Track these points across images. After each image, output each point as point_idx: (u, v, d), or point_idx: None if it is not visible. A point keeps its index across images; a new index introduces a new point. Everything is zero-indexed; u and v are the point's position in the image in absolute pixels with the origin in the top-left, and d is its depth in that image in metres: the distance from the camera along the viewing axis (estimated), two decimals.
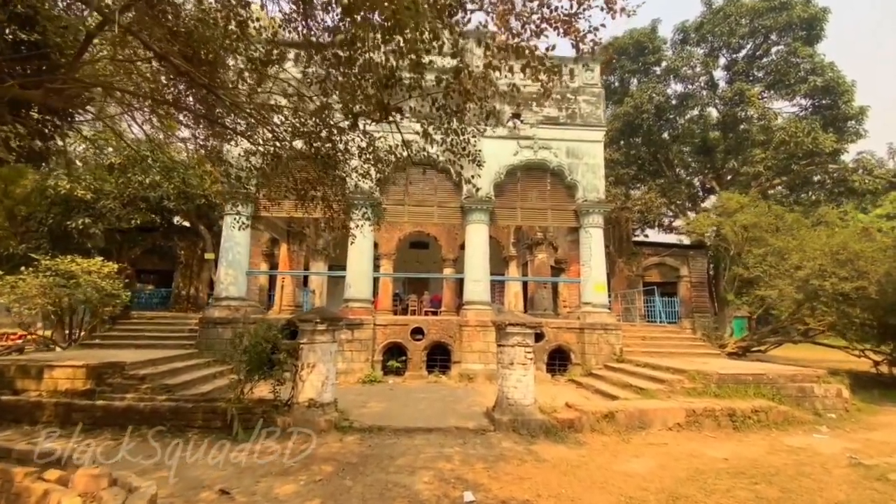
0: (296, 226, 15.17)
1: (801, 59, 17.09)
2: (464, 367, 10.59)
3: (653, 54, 19.71)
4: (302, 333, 6.48)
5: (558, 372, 11.40)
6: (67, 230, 12.56)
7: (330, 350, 6.54)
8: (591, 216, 11.61)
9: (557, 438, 6.20)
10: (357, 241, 11.08)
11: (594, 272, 11.48)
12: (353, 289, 10.84)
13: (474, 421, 6.69)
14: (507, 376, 6.60)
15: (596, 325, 11.06)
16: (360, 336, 10.43)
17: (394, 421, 6.65)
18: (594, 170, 11.81)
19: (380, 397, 8.49)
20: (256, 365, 6.54)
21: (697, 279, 21.74)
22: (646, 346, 11.60)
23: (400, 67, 4.08)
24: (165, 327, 11.39)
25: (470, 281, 11.29)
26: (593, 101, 12.05)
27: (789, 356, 17.71)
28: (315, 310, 6.77)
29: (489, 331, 10.71)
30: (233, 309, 10.39)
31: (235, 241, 10.69)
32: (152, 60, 5.53)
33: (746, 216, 14.48)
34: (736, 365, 9.58)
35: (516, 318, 6.66)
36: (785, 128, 16.40)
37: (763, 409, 7.51)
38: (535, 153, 11.70)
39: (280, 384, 6.53)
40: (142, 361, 8.08)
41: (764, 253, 13.74)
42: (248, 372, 6.59)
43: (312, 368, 6.36)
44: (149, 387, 7.37)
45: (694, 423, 7.16)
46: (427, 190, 11.77)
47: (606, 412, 6.76)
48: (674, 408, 7.19)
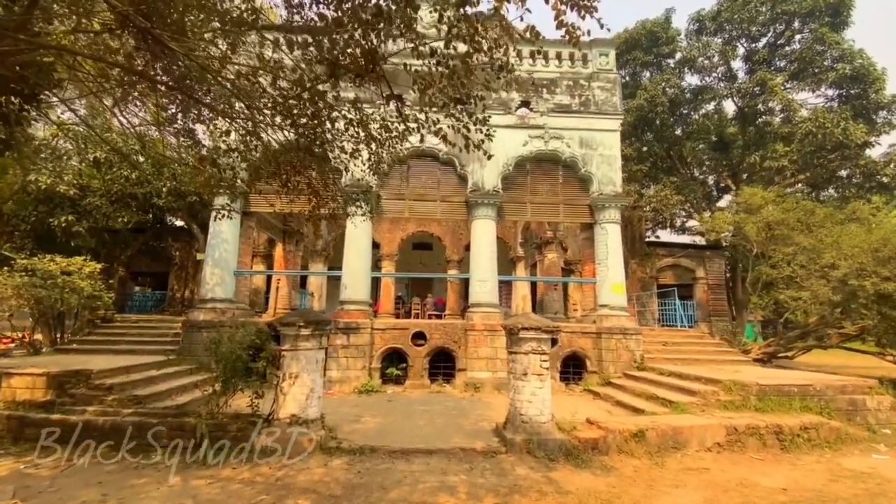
0: (292, 225, 14.40)
1: (828, 46, 16.08)
2: (469, 376, 9.69)
3: (667, 45, 18.77)
4: (284, 339, 5.65)
5: (572, 381, 10.46)
6: (50, 228, 11.88)
7: (316, 358, 5.69)
8: (607, 211, 10.69)
9: (580, 462, 5.29)
10: (354, 238, 10.29)
11: (611, 272, 10.55)
12: (350, 290, 10.00)
13: (482, 440, 5.80)
14: (521, 389, 5.71)
15: (614, 329, 10.12)
16: (357, 341, 9.58)
17: (389, 440, 5.78)
18: (610, 161, 10.91)
19: (376, 410, 7.62)
20: (232, 375, 5.72)
21: (715, 281, 20.67)
22: (667, 353, 10.65)
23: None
24: (150, 331, 10.63)
25: (476, 281, 10.41)
26: (608, 87, 11.17)
27: (814, 362, 16.71)
28: (299, 312, 5.93)
29: (497, 335, 9.82)
30: (219, 312, 9.60)
31: (222, 237, 9.92)
32: (114, 26, 4.76)
33: (772, 212, 13.47)
34: (776, 374, 8.60)
35: (530, 322, 5.78)
36: (812, 118, 15.37)
37: (813, 426, 6.56)
38: (545, 143, 10.83)
39: (259, 397, 5.69)
40: (113, 369, 7.30)
41: (793, 251, 12.73)
42: (224, 383, 5.77)
43: (295, 379, 5.52)
44: (116, 398, 6.57)
45: (736, 443, 6.22)
46: (429, 183, 10.94)
47: (635, 430, 5.84)
48: (712, 424, 6.24)
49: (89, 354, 9.01)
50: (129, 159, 10.51)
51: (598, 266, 10.78)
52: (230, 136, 5.91)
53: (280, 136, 5.75)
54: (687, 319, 16.17)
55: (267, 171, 6.09)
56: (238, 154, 5.94)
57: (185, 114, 6.20)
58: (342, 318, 9.71)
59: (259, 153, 5.90)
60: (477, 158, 10.64)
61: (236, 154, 6.00)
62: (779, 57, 17.50)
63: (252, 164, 6.11)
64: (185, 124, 6.73)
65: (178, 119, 6.45)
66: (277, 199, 7.95)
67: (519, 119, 10.90)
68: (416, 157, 10.88)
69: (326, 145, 5.53)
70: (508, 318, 8.00)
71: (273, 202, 7.90)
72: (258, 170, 6.09)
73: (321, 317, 5.79)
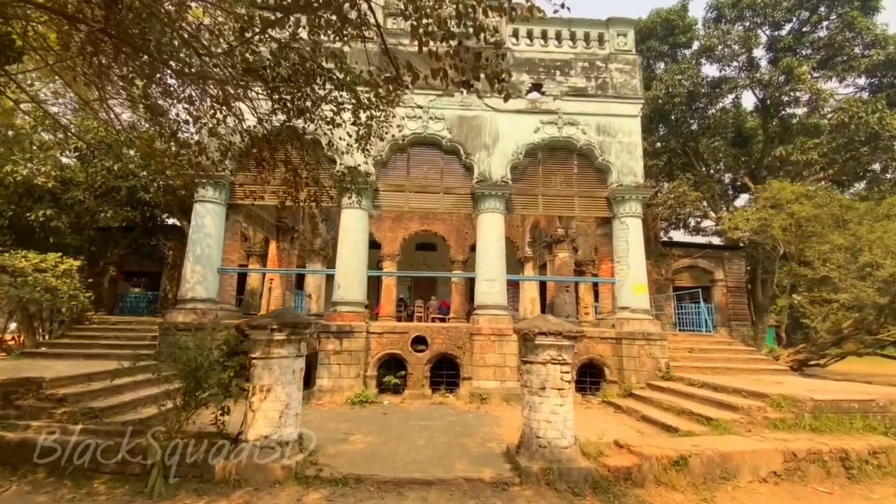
0: (287, 221, 13.55)
1: (859, 31, 15.03)
2: (475, 385, 8.72)
3: (683, 34, 17.76)
4: (254, 345, 4.74)
5: (589, 391, 9.47)
6: (28, 223, 11.12)
7: (293, 368, 4.77)
8: (628, 203, 9.71)
9: (611, 497, 4.32)
10: (348, 231, 9.39)
11: (632, 270, 9.55)
12: (343, 290, 9.08)
13: (491, 467, 4.83)
14: (537, 406, 4.75)
15: (636, 334, 9.12)
16: (351, 347, 8.65)
17: (380, 465, 4.84)
18: (630, 149, 9.93)
19: (369, 426, 6.68)
20: (196, 387, 4.82)
21: (734, 284, 19.59)
22: (694, 360, 9.61)
23: None
24: (127, 334, 9.78)
25: (483, 281, 9.45)
26: (627, 69, 10.22)
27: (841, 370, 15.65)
28: (274, 312, 5.02)
29: (506, 341, 8.86)
30: (199, 313, 8.72)
31: (205, 231, 9.05)
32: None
33: (805, 208, 12.39)
34: (827, 387, 7.55)
35: (549, 325, 4.82)
36: (844, 108, 14.29)
37: (882, 450, 5.52)
38: (559, 130, 9.87)
39: (224, 413, 4.79)
40: (72, 377, 6.45)
41: (830, 249, 11.65)
42: (187, 396, 4.88)
43: (267, 393, 4.60)
44: (67, 411, 5.71)
45: (796, 472, 5.21)
46: (432, 173, 10.02)
47: (676, 456, 4.84)
48: (766, 449, 5.23)
49: (56, 359, 8.17)
50: (106, 145, 9.68)
51: (618, 264, 9.78)
52: (195, 106, 5.05)
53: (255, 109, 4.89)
54: (702, 324, 15.12)
55: (238, 147, 5.22)
56: (204, 127, 5.07)
57: (150, 80, 5.32)
58: (334, 321, 8.80)
59: (230, 126, 5.03)
60: (483, 146, 9.73)
61: (203, 128, 5.14)
62: (804, 44, 16.43)
63: (223, 144, 5.24)
64: (154, 99, 5.89)
65: (144, 90, 5.61)
66: (259, 187, 7.08)
67: (529, 103, 9.97)
68: (417, 146, 9.99)
69: (307, 114, 4.65)
70: (520, 322, 7.05)
71: (254, 189, 7.01)
72: (229, 148, 5.21)
73: (300, 318, 4.88)
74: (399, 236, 17.07)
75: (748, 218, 14.03)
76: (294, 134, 5.09)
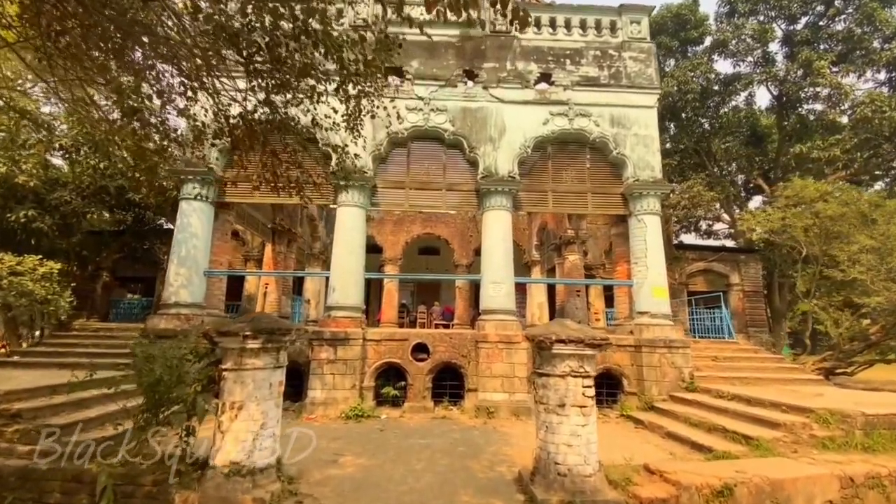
0: (283, 223, 12.95)
1: (878, 25, 14.37)
2: (481, 398, 7.99)
3: (695, 29, 17.14)
4: (225, 354, 4.08)
5: (605, 404, 8.70)
6: (9, 224, 10.58)
7: (269, 381, 4.10)
8: (645, 200, 9.01)
9: None
10: (344, 229, 8.75)
11: (651, 272, 8.82)
12: (338, 293, 8.42)
13: (501, 499, 4.11)
14: (555, 426, 4.04)
15: (656, 341, 8.37)
16: (346, 355, 7.96)
17: (371, 496, 4.13)
18: (646, 142, 9.26)
19: (363, 444, 5.97)
20: (159, 404, 4.17)
21: (751, 288, 18.72)
22: (719, 370, 8.83)
23: None
24: (108, 341, 9.15)
25: (489, 283, 8.76)
26: (642, 57, 9.58)
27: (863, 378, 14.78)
28: (247, 317, 4.37)
29: (515, 349, 8.14)
30: (183, 318, 8.08)
31: (191, 231, 8.44)
32: None
33: (831, 206, 11.64)
34: (879, 400, 6.73)
35: (568, 332, 4.13)
36: (868, 102, 13.57)
37: None
38: (570, 121, 9.22)
39: (189, 435, 4.11)
40: (31, 389, 5.82)
41: (858, 250, 10.89)
42: (147, 413, 4.22)
43: (238, 411, 3.93)
44: (20, 428, 5.06)
45: (854, 499, 4.47)
46: (434, 169, 9.38)
47: (719, 486, 4.11)
48: (821, 475, 4.49)
49: (25, 368, 7.55)
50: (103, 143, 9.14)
51: (635, 266, 9.06)
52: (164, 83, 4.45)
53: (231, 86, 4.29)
54: (717, 331, 14.32)
55: (215, 128, 4.60)
56: (172, 107, 4.46)
57: (119, 59, 4.72)
58: (328, 327, 8.13)
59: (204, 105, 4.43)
60: (489, 139, 9.09)
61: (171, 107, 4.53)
62: (822, 38, 15.76)
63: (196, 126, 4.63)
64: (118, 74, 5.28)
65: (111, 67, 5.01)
66: (247, 184, 6.48)
67: (538, 94, 9.33)
68: (417, 139, 9.37)
69: (288, 89, 4.03)
70: (531, 328, 6.36)
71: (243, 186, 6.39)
72: (203, 131, 4.60)
73: (278, 323, 4.21)
74: (401, 240, 16.44)
75: (768, 218, 13.29)
76: (275, 115, 4.47)
